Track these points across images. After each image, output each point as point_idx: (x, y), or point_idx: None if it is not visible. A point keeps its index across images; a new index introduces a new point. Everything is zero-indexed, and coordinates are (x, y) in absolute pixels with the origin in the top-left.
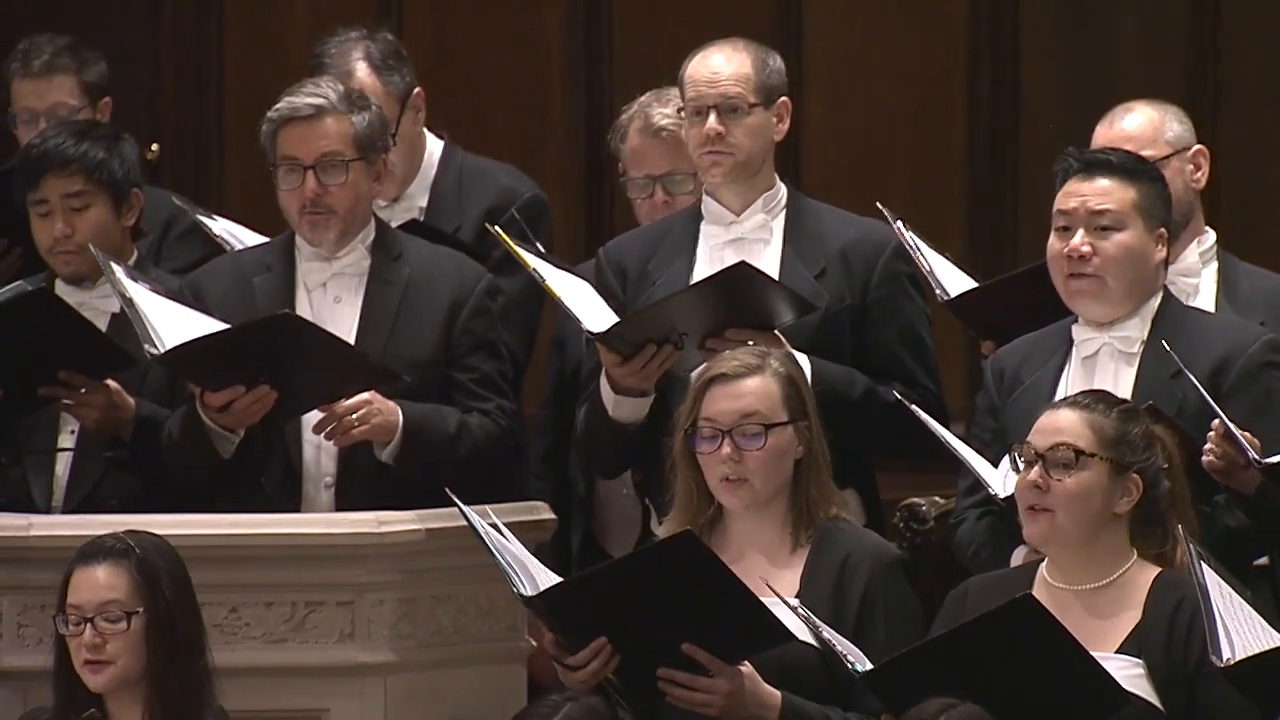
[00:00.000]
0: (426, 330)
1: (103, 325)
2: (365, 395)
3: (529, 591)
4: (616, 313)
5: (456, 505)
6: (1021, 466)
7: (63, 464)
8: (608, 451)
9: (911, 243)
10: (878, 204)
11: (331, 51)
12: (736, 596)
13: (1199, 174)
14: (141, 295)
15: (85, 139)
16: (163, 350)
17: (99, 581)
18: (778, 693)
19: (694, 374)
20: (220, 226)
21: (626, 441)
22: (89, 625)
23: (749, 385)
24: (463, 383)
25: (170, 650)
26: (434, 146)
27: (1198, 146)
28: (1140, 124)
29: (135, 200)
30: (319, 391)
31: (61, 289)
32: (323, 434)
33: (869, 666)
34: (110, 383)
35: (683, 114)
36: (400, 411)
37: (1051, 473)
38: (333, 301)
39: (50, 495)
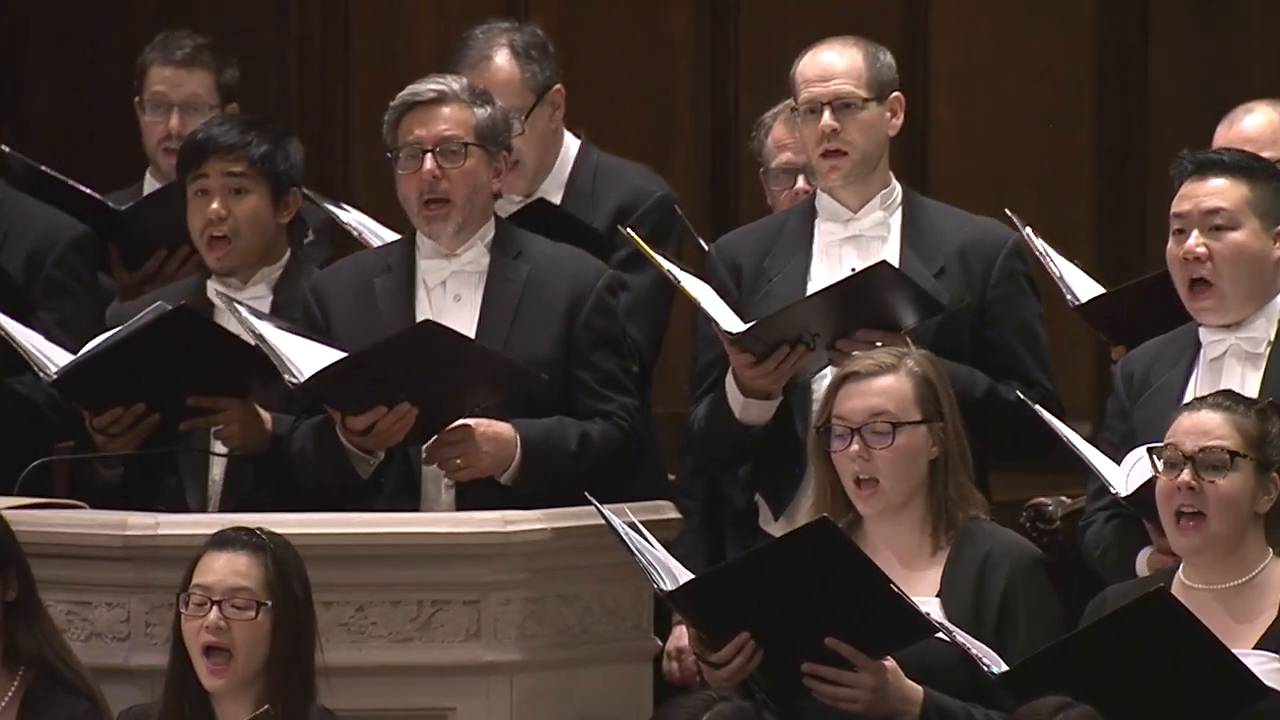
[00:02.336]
0: (546, 328)
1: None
2: (468, 424)
3: (669, 587)
4: (732, 309)
5: (593, 505)
6: (1162, 469)
7: (218, 468)
8: (728, 450)
9: (1041, 249)
10: (1006, 211)
11: (479, 35)
12: (878, 586)
13: None
14: (269, 331)
15: (253, 129)
16: (302, 379)
17: (233, 567)
18: (920, 688)
19: (828, 369)
20: (351, 217)
21: (748, 442)
22: (215, 608)
23: (880, 384)
24: (585, 382)
25: (292, 651)
26: (570, 144)
27: None
28: (1260, 124)
29: (293, 200)
30: (459, 403)
31: (210, 290)
32: (434, 464)
33: (1004, 668)
34: (244, 401)
35: (796, 113)
36: (518, 439)
37: (1204, 475)
38: (452, 300)
39: (206, 500)
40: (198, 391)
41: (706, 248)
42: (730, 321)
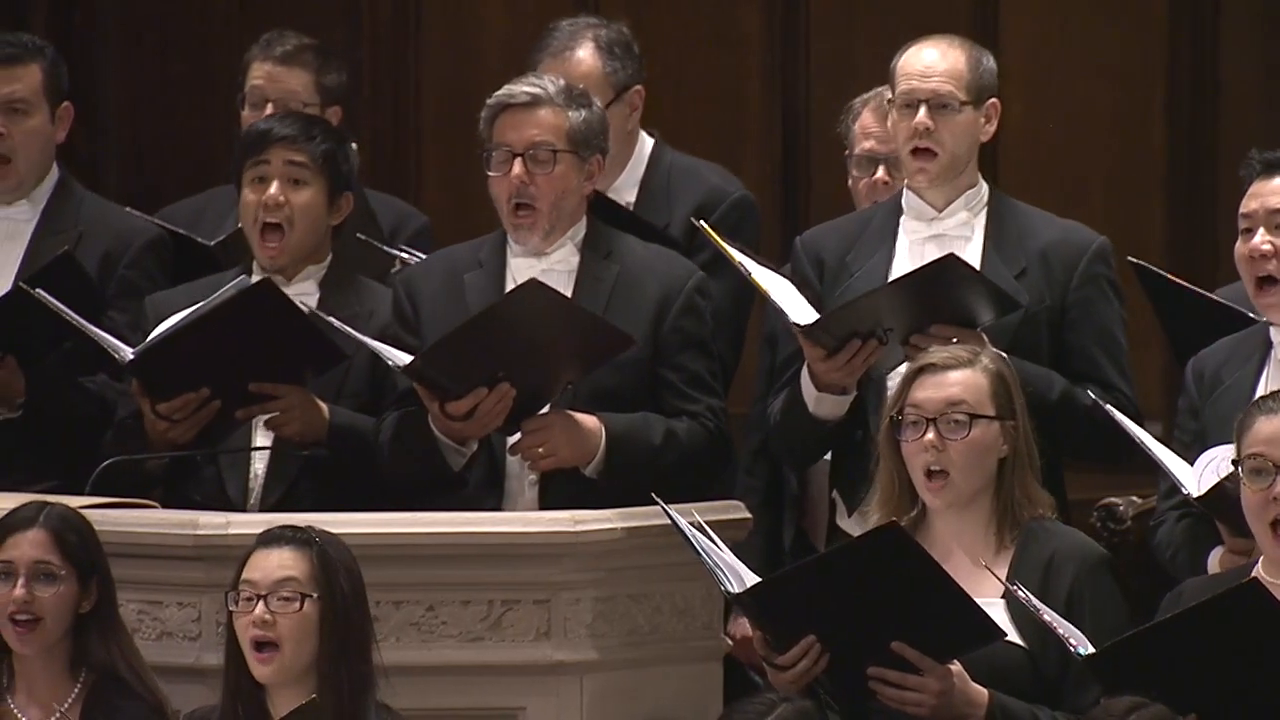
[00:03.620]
0: (633, 328)
1: None
2: (549, 418)
3: (736, 589)
4: (812, 303)
5: (660, 506)
6: (1250, 480)
7: (260, 462)
8: (803, 445)
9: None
10: (1130, 258)
11: (564, 27)
12: (945, 591)
13: None
14: (346, 329)
15: (315, 127)
16: (405, 364)
17: (277, 561)
18: (985, 691)
19: (902, 366)
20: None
21: (824, 437)
22: (261, 602)
23: (958, 376)
24: (672, 382)
25: (342, 644)
26: (644, 144)
27: None
28: None
29: (345, 203)
30: (554, 378)
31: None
32: (518, 456)
33: (1090, 650)
34: (303, 389)
35: (892, 104)
36: (603, 429)
37: None
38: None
39: (246, 494)
40: (256, 378)
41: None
42: (801, 313)
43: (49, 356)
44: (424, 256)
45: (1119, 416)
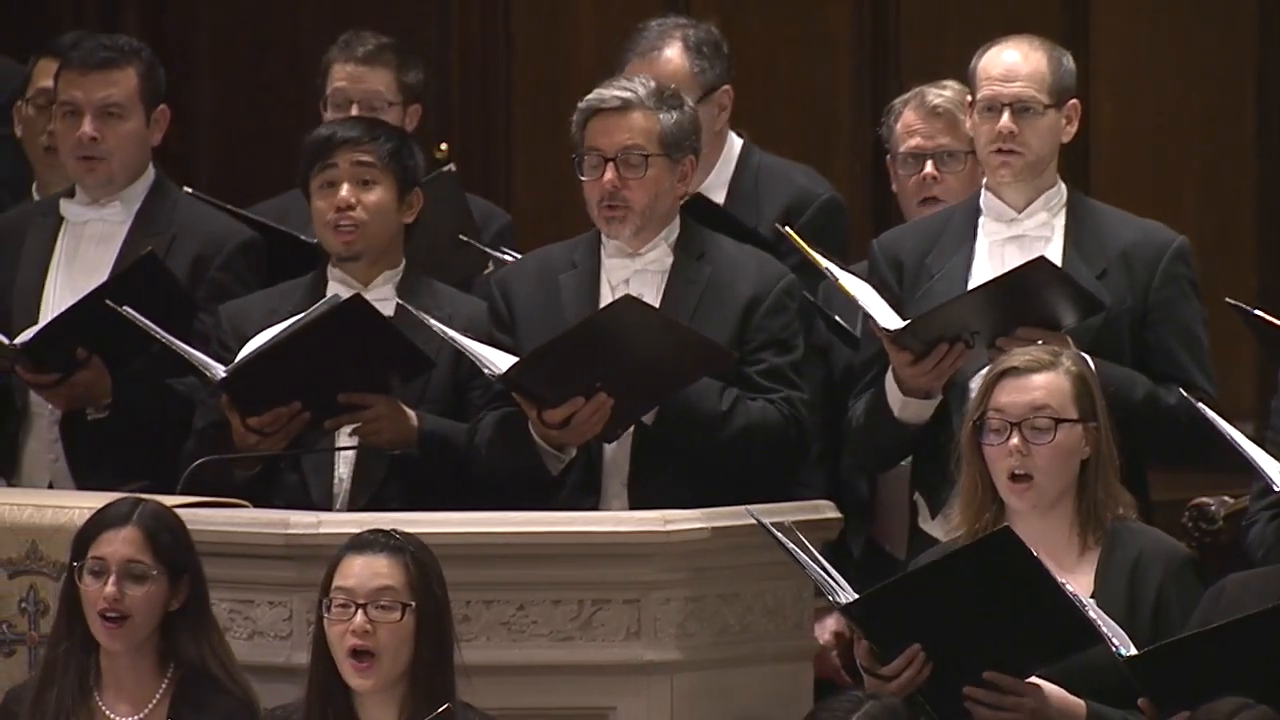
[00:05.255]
0: (722, 328)
1: None
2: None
3: (846, 600)
4: (891, 306)
5: (758, 520)
6: None
7: (344, 465)
8: (886, 449)
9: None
10: (1228, 299)
11: (654, 26)
12: (1053, 596)
13: None
14: (458, 337)
15: (379, 128)
16: (501, 371)
17: (374, 569)
18: (1081, 701)
19: (984, 369)
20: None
21: (907, 440)
22: (360, 611)
23: (1040, 379)
24: (748, 375)
25: (435, 650)
26: (733, 145)
27: None
28: None
29: (415, 200)
30: (653, 390)
31: (333, 290)
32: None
33: (1132, 651)
34: (390, 397)
35: (972, 106)
36: None
37: None
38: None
39: (331, 500)
40: (344, 389)
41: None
42: (889, 319)
43: (137, 358)
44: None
45: (1211, 414)
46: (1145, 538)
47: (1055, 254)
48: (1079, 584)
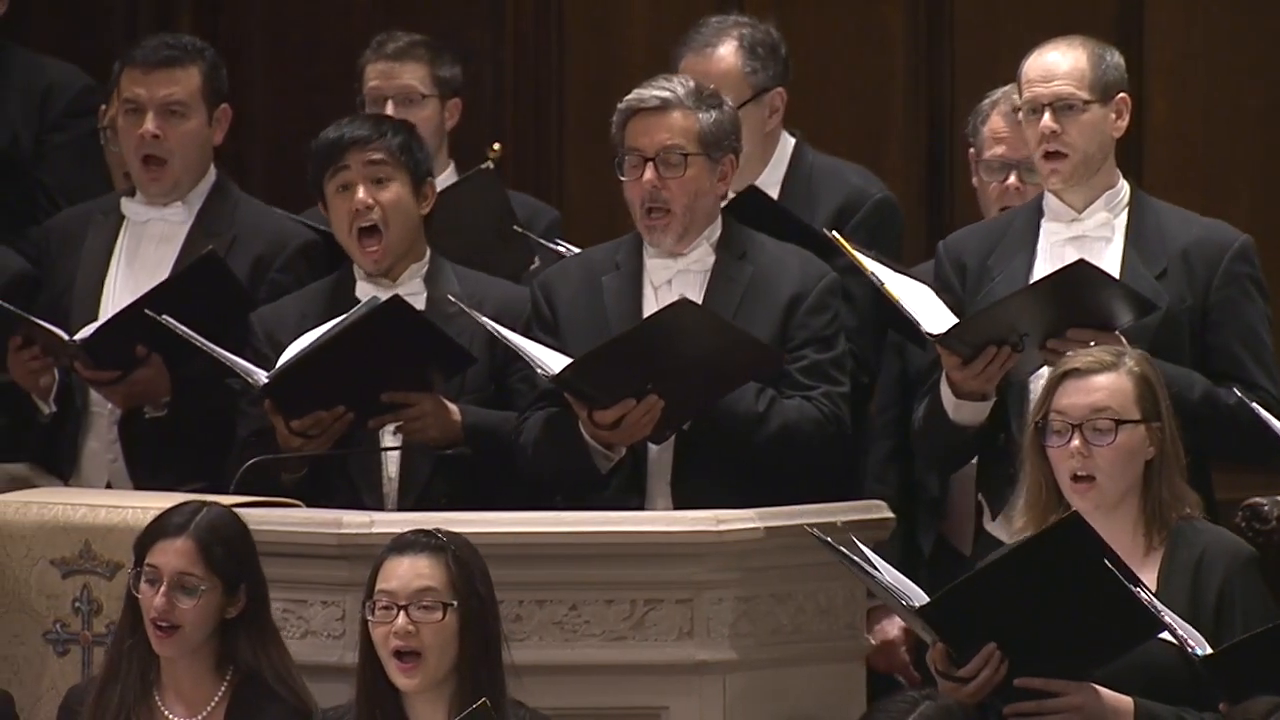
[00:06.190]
0: (764, 327)
1: None
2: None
3: (917, 604)
4: (952, 308)
5: (815, 535)
6: None
7: (392, 466)
8: (946, 452)
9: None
10: None
11: (711, 23)
12: (1117, 583)
13: None
14: (511, 336)
15: (383, 124)
16: (554, 372)
17: (416, 570)
18: (1129, 698)
19: (1044, 370)
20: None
21: (966, 442)
22: (402, 613)
23: (1102, 381)
24: (789, 371)
25: (480, 648)
26: (786, 144)
27: None
28: None
29: (430, 190)
30: (705, 393)
31: (361, 289)
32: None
33: (1208, 651)
34: (434, 395)
35: (1020, 112)
36: None
37: None
38: (676, 298)
39: (382, 500)
40: (388, 388)
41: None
42: (934, 322)
43: (198, 358)
44: (577, 250)
45: (1264, 414)
46: (1209, 536)
47: (1115, 253)
48: (1144, 581)
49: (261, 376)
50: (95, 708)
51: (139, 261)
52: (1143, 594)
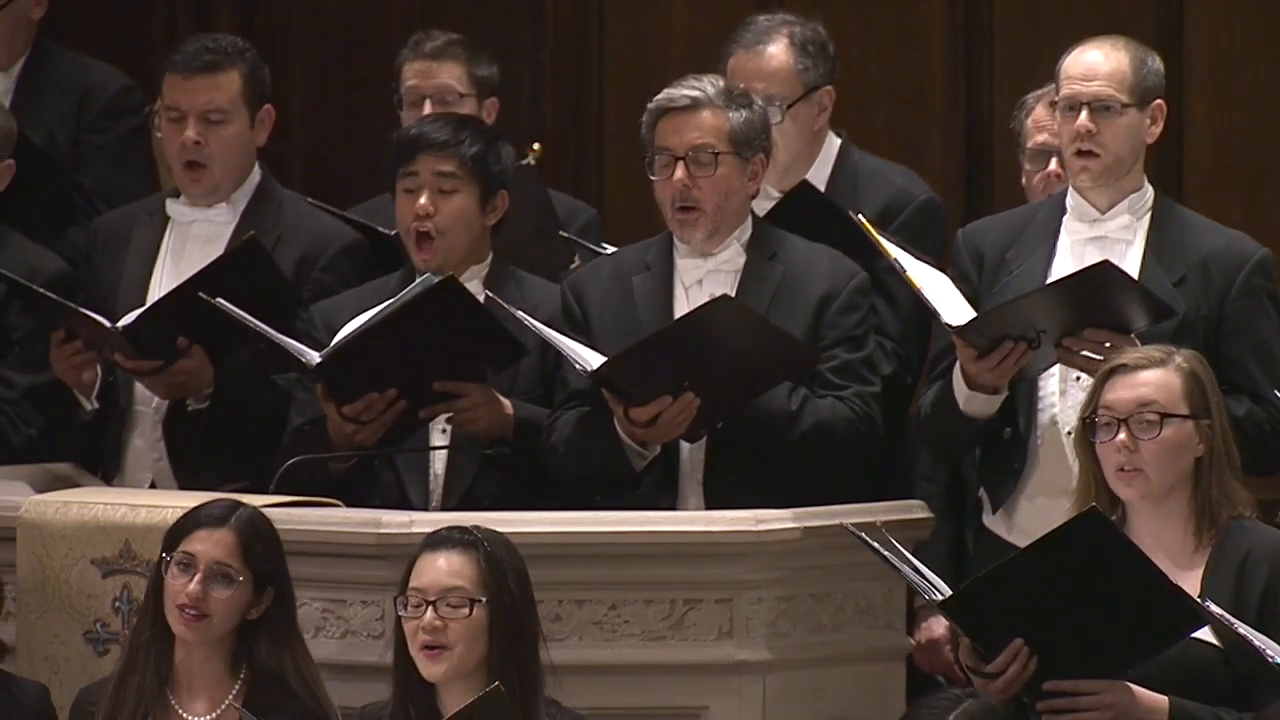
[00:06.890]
0: (795, 327)
1: None
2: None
3: (941, 597)
4: (967, 297)
5: (851, 531)
6: None
7: (439, 464)
8: (951, 440)
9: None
10: None
11: (761, 21)
12: (1147, 577)
13: None
14: (548, 331)
15: (465, 129)
16: (594, 367)
17: (445, 567)
18: (1163, 697)
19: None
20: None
21: (973, 433)
22: (430, 609)
23: (1148, 376)
24: (820, 371)
25: (511, 645)
26: (831, 144)
27: None
28: None
29: (500, 202)
30: (742, 391)
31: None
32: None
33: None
34: (485, 386)
35: (1055, 107)
36: None
37: None
38: (707, 298)
39: (428, 497)
40: (440, 377)
41: None
42: (953, 314)
43: (241, 351)
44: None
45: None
46: (1257, 535)
47: (1135, 257)
48: (1189, 581)
49: (314, 357)
50: (114, 701)
51: (184, 262)
52: (1214, 608)
